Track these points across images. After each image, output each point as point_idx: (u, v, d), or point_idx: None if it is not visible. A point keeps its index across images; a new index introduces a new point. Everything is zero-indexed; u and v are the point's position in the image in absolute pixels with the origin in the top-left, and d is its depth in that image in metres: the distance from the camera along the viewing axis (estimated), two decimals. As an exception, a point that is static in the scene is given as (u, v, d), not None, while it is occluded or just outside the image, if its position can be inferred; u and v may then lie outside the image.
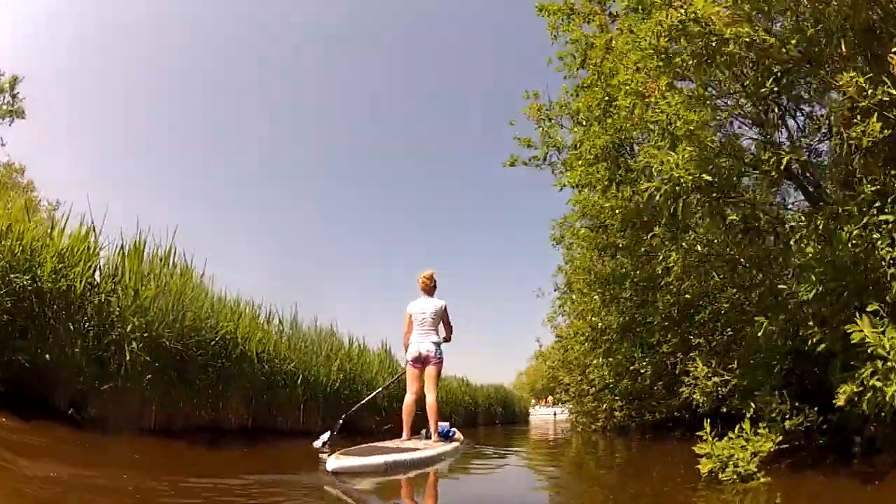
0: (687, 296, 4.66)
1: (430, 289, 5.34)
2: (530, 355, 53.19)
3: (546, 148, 5.92)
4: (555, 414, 30.33)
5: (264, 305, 6.92)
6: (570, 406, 9.91)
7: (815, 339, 2.66)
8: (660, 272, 4.52)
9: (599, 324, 6.28)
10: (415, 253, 64.26)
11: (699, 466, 3.00)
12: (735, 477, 2.77)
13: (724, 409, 4.20)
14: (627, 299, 5.64)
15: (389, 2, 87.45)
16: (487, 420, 15.91)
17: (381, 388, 6.78)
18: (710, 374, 3.93)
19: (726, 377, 3.87)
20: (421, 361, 5.12)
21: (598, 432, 8.53)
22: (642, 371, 5.73)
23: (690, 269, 4.51)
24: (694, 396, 4.02)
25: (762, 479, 2.75)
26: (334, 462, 3.40)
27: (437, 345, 5.15)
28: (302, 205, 77.19)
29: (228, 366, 5.37)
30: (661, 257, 4.42)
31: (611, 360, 5.88)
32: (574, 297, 7.14)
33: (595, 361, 5.89)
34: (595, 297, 5.98)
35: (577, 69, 6.27)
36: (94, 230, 4.31)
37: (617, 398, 6.95)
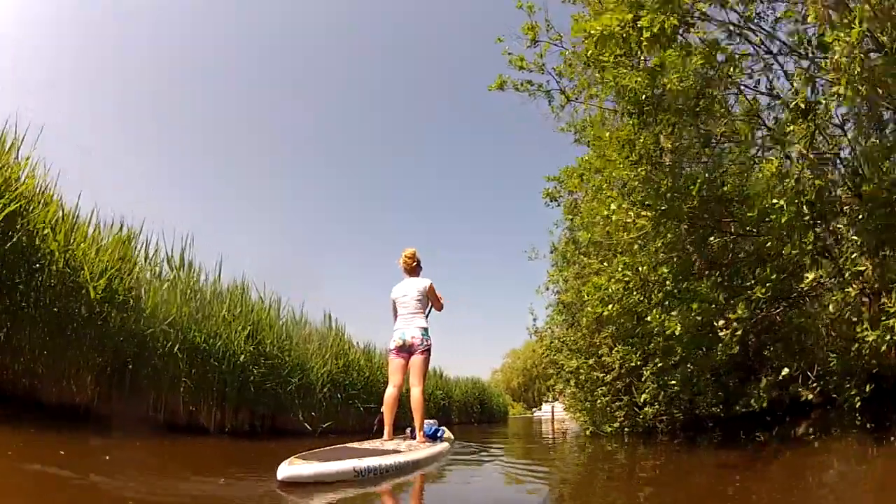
0: (818, 181, 2.59)
1: (412, 268, 4.77)
2: (505, 352, 51.97)
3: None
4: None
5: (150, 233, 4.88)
6: (573, 401, 7.55)
7: None
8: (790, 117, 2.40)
9: (643, 267, 4.13)
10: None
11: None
12: None
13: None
14: (697, 217, 3.54)
15: (390, 2, 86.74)
16: (463, 418, 13.76)
17: None
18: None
19: None
20: (406, 350, 4.45)
21: (615, 436, 6.24)
22: (721, 332, 3.56)
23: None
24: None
25: None
26: (287, 469, 2.56)
27: (425, 330, 4.51)
28: (302, 204, 76.81)
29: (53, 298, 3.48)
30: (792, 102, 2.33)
31: (673, 314, 3.71)
32: (594, 234, 5.05)
33: (652, 319, 3.68)
34: (645, 214, 3.81)
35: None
36: None
37: (674, 383, 4.65)
